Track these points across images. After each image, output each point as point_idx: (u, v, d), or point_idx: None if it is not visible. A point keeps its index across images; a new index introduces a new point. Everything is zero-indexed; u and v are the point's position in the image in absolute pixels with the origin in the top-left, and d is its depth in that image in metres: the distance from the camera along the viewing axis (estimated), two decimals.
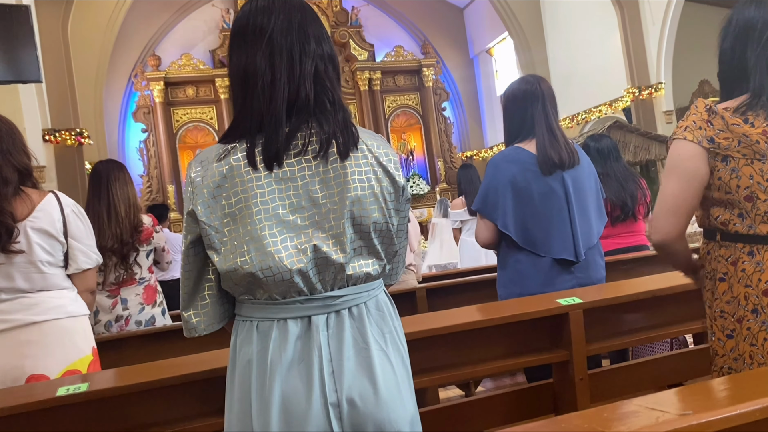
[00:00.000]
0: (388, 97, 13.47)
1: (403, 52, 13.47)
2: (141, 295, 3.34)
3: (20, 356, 1.88)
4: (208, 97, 12.69)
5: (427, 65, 13.38)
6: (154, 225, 3.46)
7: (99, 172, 3.21)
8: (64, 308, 1.97)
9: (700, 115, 1.62)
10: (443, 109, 13.72)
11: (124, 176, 3.25)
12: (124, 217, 3.15)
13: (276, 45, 1.26)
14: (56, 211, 1.98)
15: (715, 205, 1.65)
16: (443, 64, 13.86)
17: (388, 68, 13.32)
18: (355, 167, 1.25)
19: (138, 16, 11.52)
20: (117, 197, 3.16)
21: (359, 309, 1.26)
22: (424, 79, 13.41)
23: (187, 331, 1.30)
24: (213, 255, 1.22)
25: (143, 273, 3.35)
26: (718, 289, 1.64)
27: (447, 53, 13.87)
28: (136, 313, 3.28)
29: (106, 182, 3.16)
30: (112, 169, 3.23)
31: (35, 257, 1.91)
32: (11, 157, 1.95)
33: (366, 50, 13.18)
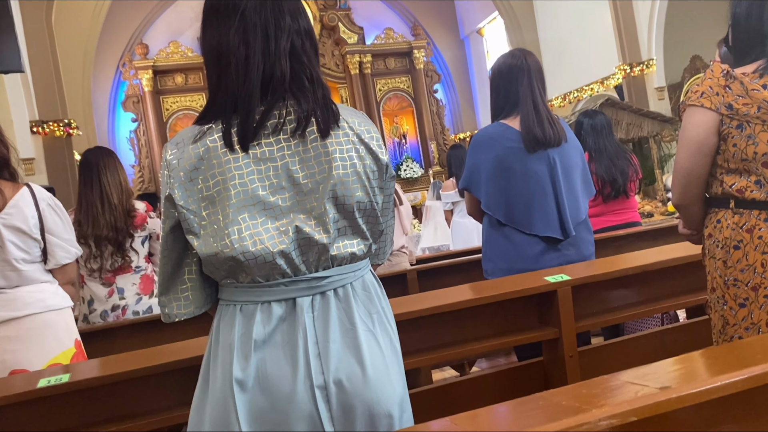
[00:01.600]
0: (379, 80, 13.37)
1: (393, 35, 13.36)
2: (138, 284, 3.31)
3: (2, 351, 1.86)
4: (197, 84, 12.56)
5: (418, 47, 13.27)
6: (148, 210, 3.43)
7: (89, 160, 3.17)
8: (43, 302, 1.94)
9: (716, 80, 1.59)
10: (435, 91, 13.64)
11: (114, 162, 3.21)
12: (117, 204, 3.12)
13: (250, 21, 1.22)
14: (30, 207, 1.93)
15: (729, 172, 1.62)
16: (434, 46, 13.76)
17: (378, 51, 13.21)
18: (336, 145, 1.22)
19: (124, 4, 11.38)
20: (109, 184, 3.12)
21: (345, 290, 1.23)
22: (415, 62, 13.30)
23: (165, 317, 1.27)
24: (193, 240, 1.19)
25: (139, 261, 3.31)
26: (732, 257, 1.62)
27: (437, 35, 13.76)
28: (133, 304, 3.25)
29: (96, 170, 3.12)
30: (101, 156, 3.19)
31: (9, 255, 1.87)
32: None
33: (355, 33, 13.06)
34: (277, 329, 1.19)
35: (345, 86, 13.12)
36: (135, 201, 3.30)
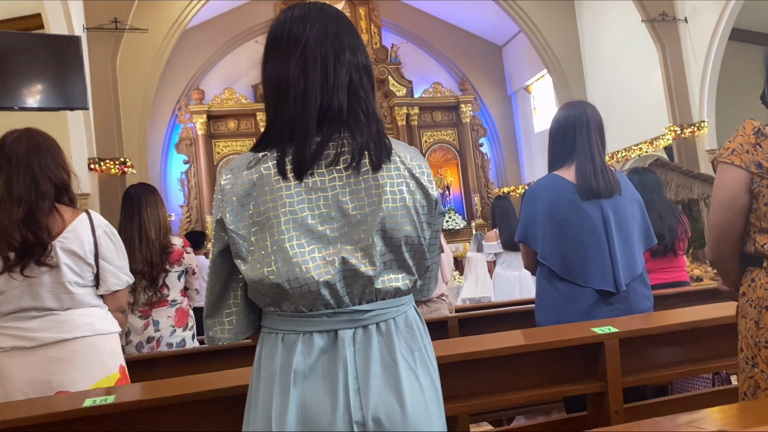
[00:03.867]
0: (426, 132, 13.54)
1: (441, 89, 13.58)
2: (173, 317, 3.37)
3: (48, 372, 1.89)
4: (248, 130, 12.95)
5: (465, 101, 13.43)
6: (185, 246, 3.50)
7: (131, 195, 3.28)
8: (92, 326, 1.98)
9: (747, 138, 1.57)
10: (480, 144, 13.71)
11: (156, 199, 3.31)
12: (154, 240, 3.20)
13: (310, 54, 1.25)
14: (87, 233, 1.99)
15: (761, 231, 1.58)
16: (481, 101, 13.91)
17: (425, 104, 13.42)
18: (387, 179, 1.23)
19: (184, 51, 11.90)
20: (148, 220, 3.21)
21: (387, 325, 1.22)
22: (462, 115, 13.45)
23: (209, 340, 1.29)
24: (240, 264, 1.21)
25: (174, 295, 3.38)
26: (764, 318, 1.56)
27: (485, 90, 13.92)
28: (167, 335, 3.31)
29: (138, 206, 3.22)
30: (144, 193, 3.30)
31: (63, 278, 1.92)
32: (49, 171, 1.99)
33: (404, 86, 13.33)
34: (318, 361, 1.18)
35: (392, 136, 13.24)
36: (172, 237, 3.38)
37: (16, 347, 1.89)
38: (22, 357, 1.88)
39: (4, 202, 1.92)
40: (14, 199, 1.91)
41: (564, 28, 11.70)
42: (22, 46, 4.41)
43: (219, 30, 12.76)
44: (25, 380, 1.87)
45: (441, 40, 13.73)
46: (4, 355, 1.89)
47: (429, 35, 13.71)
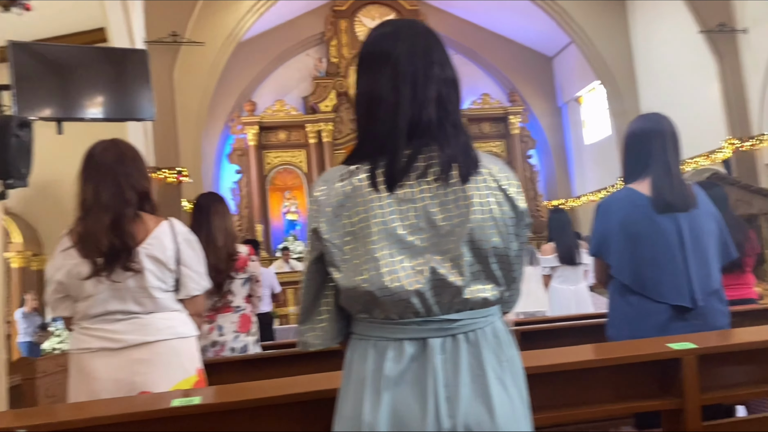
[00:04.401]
0: (475, 143, 13.44)
1: (489, 100, 13.54)
2: (236, 323, 3.44)
3: (132, 373, 1.96)
4: (298, 141, 13.17)
5: (514, 113, 13.37)
6: (250, 254, 3.58)
7: (201, 204, 3.38)
8: (173, 329, 2.05)
9: None
10: (529, 156, 13.61)
11: (224, 208, 3.41)
12: (221, 247, 3.28)
13: (400, 70, 1.29)
14: (169, 239, 2.07)
15: None
16: (530, 112, 13.81)
17: (474, 115, 13.40)
18: (475, 191, 1.25)
19: (237, 63, 12.17)
20: (215, 228, 3.30)
21: (476, 334, 1.24)
22: (510, 127, 13.38)
23: (302, 345, 1.32)
24: (334, 272, 1.25)
25: (238, 301, 3.45)
26: None
27: (534, 101, 13.82)
28: (230, 341, 3.38)
29: (207, 213, 3.32)
30: (213, 201, 3.40)
31: (146, 283, 2.00)
32: (133, 180, 2.07)
33: None
34: (408, 368, 1.21)
35: None
36: (238, 245, 3.46)
37: (103, 348, 1.97)
38: (109, 358, 1.96)
39: (93, 210, 2.00)
40: (102, 206, 1.99)
41: (616, 39, 11.54)
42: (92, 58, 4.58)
43: (271, 43, 13.03)
44: (111, 380, 1.95)
45: (490, 51, 13.71)
46: (92, 355, 1.97)
47: (477, 46, 13.71)
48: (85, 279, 1.96)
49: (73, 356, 2.03)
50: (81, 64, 4.46)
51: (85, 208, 2.02)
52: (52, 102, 4.26)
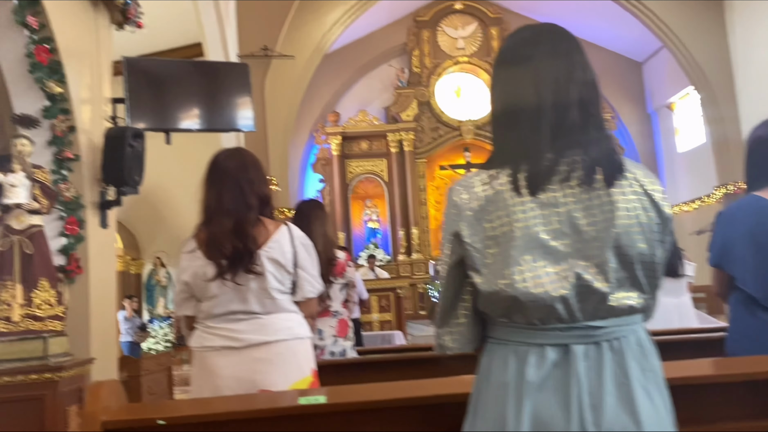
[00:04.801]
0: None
1: None
2: (335, 327, 3.50)
3: (253, 372, 2.03)
4: (380, 150, 13.32)
5: None
6: (347, 260, 3.64)
7: (302, 210, 3.46)
8: (291, 330, 2.10)
9: None
10: None
11: (323, 214, 3.48)
12: (320, 252, 3.34)
13: (542, 73, 1.28)
14: (287, 243, 2.13)
15: None
16: (618, 119, 13.39)
17: None
18: (620, 195, 1.22)
19: (323, 75, 12.46)
20: (316, 233, 3.37)
21: (620, 342, 1.21)
22: None
23: (439, 348, 1.32)
24: (475, 276, 1.24)
25: (337, 306, 3.51)
26: None
27: (623, 108, 13.40)
28: (330, 345, 3.44)
29: (307, 220, 3.40)
30: (312, 208, 3.48)
31: (267, 284, 2.06)
32: (255, 186, 2.15)
33: None
34: (550, 374, 1.19)
35: None
36: (336, 251, 3.52)
37: (226, 347, 2.04)
38: (231, 356, 2.03)
39: (216, 214, 2.09)
40: (224, 211, 2.08)
41: (712, 42, 11.02)
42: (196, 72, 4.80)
43: (354, 55, 13.26)
44: (233, 377, 2.02)
45: None
46: (215, 353, 2.05)
47: None
48: (210, 281, 2.04)
49: (197, 353, 2.12)
50: (186, 78, 4.69)
51: (209, 213, 2.11)
52: (161, 114, 4.50)
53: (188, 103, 4.61)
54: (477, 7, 13.64)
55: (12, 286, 3.38)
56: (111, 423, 1.57)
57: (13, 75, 3.66)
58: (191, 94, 4.61)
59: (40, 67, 3.62)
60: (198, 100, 4.63)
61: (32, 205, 3.41)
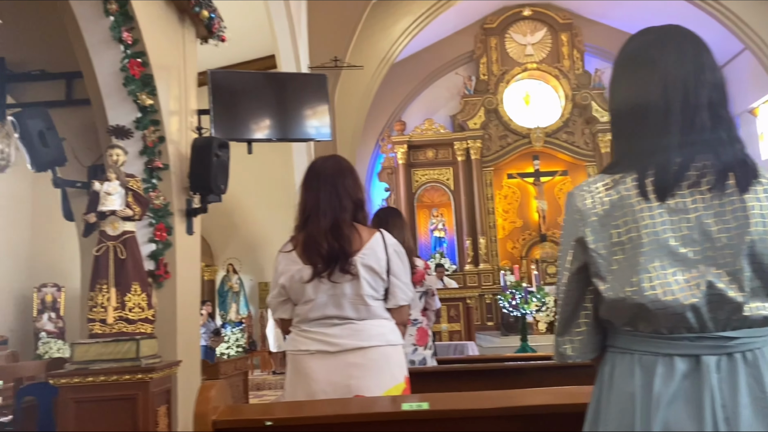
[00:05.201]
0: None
1: None
2: (414, 335, 3.50)
3: (348, 377, 2.05)
4: (446, 159, 13.28)
5: None
6: (426, 268, 3.63)
7: (380, 217, 3.48)
8: (384, 336, 2.11)
9: None
10: None
11: (401, 222, 3.48)
12: None
13: (669, 75, 1.24)
14: (381, 250, 2.15)
15: None
16: None
17: None
18: (755, 201, 1.17)
19: (389, 85, 12.54)
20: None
21: (754, 354, 1.16)
22: None
23: (559, 357, 1.30)
24: (599, 283, 1.21)
25: (416, 314, 3.50)
26: None
27: None
28: (410, 353, 3.43)
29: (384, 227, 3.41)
30: (391, 215, 3.49)
31: (362, 291, 2.08)
32: (350, 189, 2.18)
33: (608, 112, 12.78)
34: (680, 386, 1.14)
35: (593, 164, 12.83)
36: (415, 259, 3.51)
37: (321, 351, 2.07)
38: (325, 360, 2.06)
39: (312, 215, 2.14)
40: (321, 211, 2.12)
41: None
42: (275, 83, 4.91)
43: (421, 64, 13.30)
44: (328, 381, 2.04)
45: None
46: (310, 357, 2.08)
47: None
48: (307, 282, 2.08)
49: (291, 356, 2.16)
50: (265, 89, 4.81)
51: (305, 214, 2.16)
52: (242, 124, 4.63)
53: (267, 114, 4.72)
54: (546, 13, 13.45)
55: (107, 290, 3.54)
56: (221, 423, 1.61)
57: (108, 88, 3.84)
58: (270, 104, 4.73)
59: (133, 81, 3.79)
60: (277, 111, 4.75)
61: (126, 213, 3.57)
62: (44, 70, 4.41)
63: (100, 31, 3.70)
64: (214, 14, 4.50)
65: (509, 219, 13.14)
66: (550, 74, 13.30)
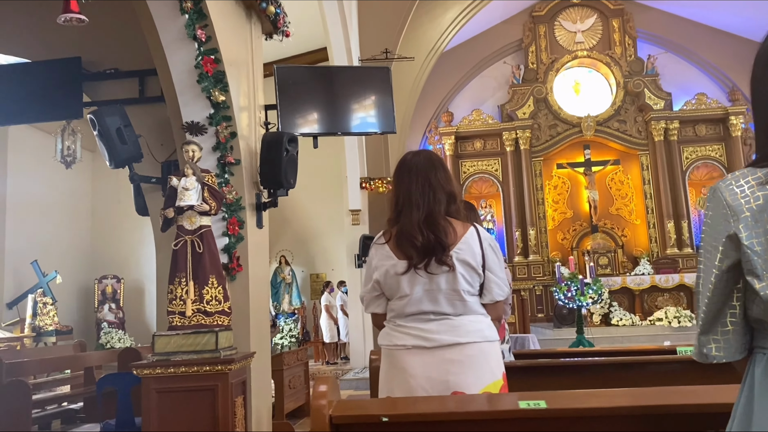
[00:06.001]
0: (686, 147, 12.52)
1: (705, 100, 12.48)
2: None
3: (445, 372, 2.03)
4: (494, 149, 13.15)
5: (735, 113, 12.18)
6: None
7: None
8: (481, 332, 2.09)
9: None
10: None
11: (475, 216, 3.45)
12: None
13: None
14: (476, 245, 2.12)
15: None
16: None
17: (687, 117, 12.44)
18: None
19: (437, 75, 12.47)
20: None
21: None
22: (731, 128, 12.20)
23: (701, 357, 1.26)
24: (755, 282, 1.17)
25: None
26: None
27: None
28: None
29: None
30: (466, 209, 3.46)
31: (459, 286, 2.06)
32: (442, 181, 2.17)
33: (662, 99, 12.49)
34: None
35: (646, 153, 12.54)
36: None
37: (418, 346, 2.07)
38: (423, 356, 2.06)
39: (405, 208, 2.13)
40: (414, 204, 2.11)
41: None
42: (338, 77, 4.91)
43: (469, 53, 13.17)
44: (425, 377, 2.04)
45: (705, 47, 12.64)
46: (407, 352, 2.08)
47: (690, 42, 12.70)
48: (402, 274, 2.07)
49: (387, 351, 2.16)
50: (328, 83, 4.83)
51: (398, 208, 2.15)
52: (306, 118, 4.66)
53: (331, 108, 4.75)
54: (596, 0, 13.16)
55: (185, 283, 3.62)
56: (338, 418, 1.63)
57: (182, 85, 3.91)
58: (334, 98, 4.75)
59: (206, 77, 3.85)
60: (341, 105, 4.76)
61: (203, 207, 3.63)
62: (118, 68, 4.52)
63: (175, 29, 3.77)
64: (279, 9, 4.53)
65: (559, 210, 12.95)
66: (601, 61, 13.02)
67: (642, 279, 11.50)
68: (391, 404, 1.81)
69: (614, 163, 12.73)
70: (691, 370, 2.78)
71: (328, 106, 4.73)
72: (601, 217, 12.59)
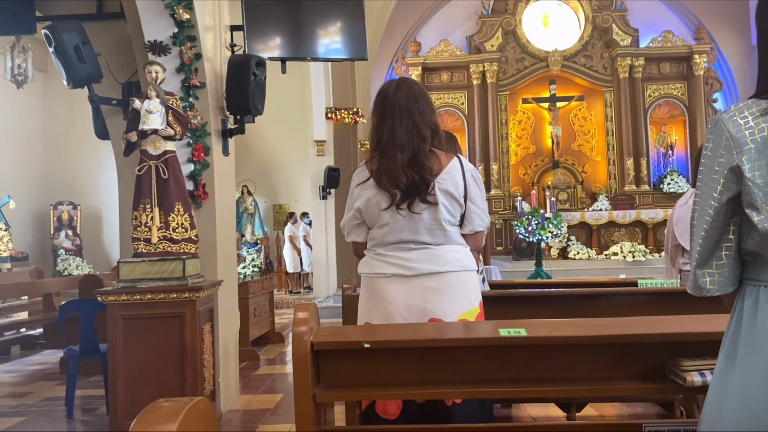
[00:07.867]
0: (650, 86, 12.61)
1: (671, 38, 12.50)
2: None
3: (424, 300, 2.05)
4: (461, 82, 13.00)
5: (699, 52, 12.26)
6: None
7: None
8: (460, 261, 2.10)
9: None
10: (714, 100, 12.49)
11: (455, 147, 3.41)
12: None
13: None
14: (459, 175, 2.09)
15: None
16: (719, 52, 12.59)
17: (652, 55, 12.47)
18: None
19: (404, 5, 12.10)
20: None
21: None
22: (694, 68, 12.30)
23: (696, 289, 1.26)
24: (753, 214, 1.16)
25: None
26: None
27: (724, 40, 12.56)
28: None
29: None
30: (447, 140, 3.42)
31: (440, 216, 2.05)
32: (426, 117, 2.11)
33: (629, 35, 12.46)
34: None
35: (611, 90, 12.59)
36: None
37: (397, 274, 2.06)
38: (402, 284, 2.06)
39: (389, 148, 2.07)
40: (398, 145, 2.05)
41: None
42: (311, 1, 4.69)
43: None
44: (404, 305, 2.05)
45: None
46: (387, 280, 2.08)
47: None
48: (384, 210, 2.05)
49: (366, 279, 2.15)
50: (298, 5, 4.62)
51: (381, 147, 2.09)
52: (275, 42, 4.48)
53: (300, 32, 4.57)
54: None
55: (150, 210, 3.52)
56: (319, 344, 1.62)
57: (144, 2, 3.69)
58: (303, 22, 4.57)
59: None
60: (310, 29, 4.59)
61: (168, 132, 3.50)
62: None
63: None
64: None
65: (522, 145, 13.02)
66: None
67: (600, 214, 11.77)
68: (371, 331, 1.82)
69: (579, 99, 12.77)
70: (655, 302, 2.87)
71: (297, 29, 4.55)
72: (563, 153, 12.72)
